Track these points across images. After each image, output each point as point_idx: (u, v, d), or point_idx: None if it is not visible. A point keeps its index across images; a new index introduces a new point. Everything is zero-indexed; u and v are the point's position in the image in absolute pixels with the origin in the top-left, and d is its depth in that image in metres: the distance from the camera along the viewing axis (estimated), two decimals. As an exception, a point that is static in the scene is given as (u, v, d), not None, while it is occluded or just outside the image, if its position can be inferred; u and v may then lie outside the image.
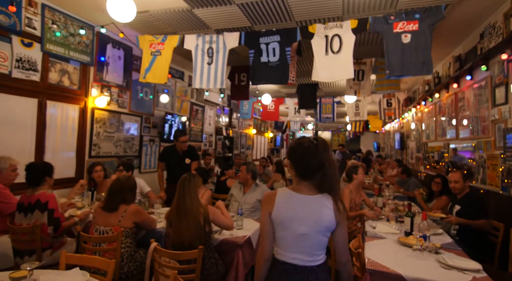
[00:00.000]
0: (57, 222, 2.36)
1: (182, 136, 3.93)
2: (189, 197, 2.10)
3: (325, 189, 1.37)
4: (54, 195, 2.45)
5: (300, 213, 1.35)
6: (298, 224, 1.34)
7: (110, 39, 4.39)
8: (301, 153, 1.39)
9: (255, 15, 3.58)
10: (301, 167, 1.39)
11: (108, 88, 4.43)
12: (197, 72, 3.65)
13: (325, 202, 1.36)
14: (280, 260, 1.37)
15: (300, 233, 1.34)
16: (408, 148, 8.44)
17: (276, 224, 1.39)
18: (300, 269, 1.33)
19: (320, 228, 1.34)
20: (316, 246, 1.36)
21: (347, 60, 3.08)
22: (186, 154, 3.97)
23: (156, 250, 1.92)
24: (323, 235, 1.36)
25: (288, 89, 8.67)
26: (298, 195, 1.38)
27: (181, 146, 3.92)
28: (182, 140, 3.91)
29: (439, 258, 1.90)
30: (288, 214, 1.36)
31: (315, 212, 1.35)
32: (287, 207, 1.37)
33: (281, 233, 1.38)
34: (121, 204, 2.24)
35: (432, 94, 5.68)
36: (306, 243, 1.34)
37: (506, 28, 3.08)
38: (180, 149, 3.96)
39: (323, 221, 1.34)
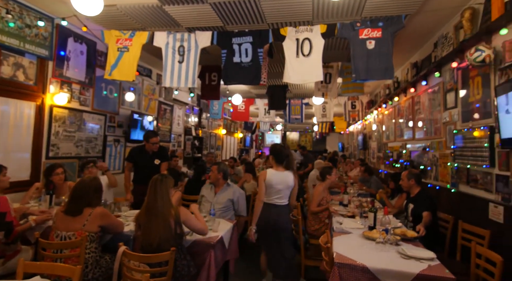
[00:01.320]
0: (9, 226, 2.17)
1: (153, 137, 3.79)
2: (161, 198, 2.04)
3: (289, 168, 2.80)
4: (5, 197, 2.26)
5: (279, 180, 2.73)
6: (278, 184, 2.72)
7: (71, 33, 4.13)
8: (278, 151, 2.87)
9: (228, 15, 3.58)
10: (278, 157, 2.83)
11: (69, 84, 4.16)
12: (168, 70, 3.56)
13: (289, 174, 2.79)
14: (267, 202, 2.74)
15: (278, 189, 2.72)
16: (370, 148, 8.94)
17: (267, 185, 2.73)
18: (276, 206, 2.73)
19: (287, 186, 2.76)
20: (285, 196, 2.77)
21: (317, 63, 3.21)
22: (156, 155, 3.85)
23: (125, 254, 1.84)
24: (288, 190, 2.78)
25: (259, 90, 8.76)
26: (277, 171, 2.78)
27: (152, 147, 3.79)
28: (153, 141, 3.77)
29: (399, 249, 2.06)
30: (273, 180, 2.71)
31: (285, 179, 2.74)
32: (273, 177, 2.73)
33: (269, 189, 2.73)
34: (85, 207, 2.12)
35: (392, 98, 6.07)
36: (280, 194, 2.74)
37: (456, 38, 3.41)
38: (150, 150, 3.83)
39: (289, 183, 2.75)
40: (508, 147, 2.37)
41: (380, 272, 1.80)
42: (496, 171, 2.60)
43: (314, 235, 3.33)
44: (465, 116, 3.17)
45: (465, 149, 3.07)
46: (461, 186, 3.21)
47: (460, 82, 3.29)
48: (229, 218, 3.04)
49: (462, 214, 3.06)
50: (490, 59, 2.55)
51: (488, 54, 2.53)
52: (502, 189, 2.51)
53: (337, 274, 1.86)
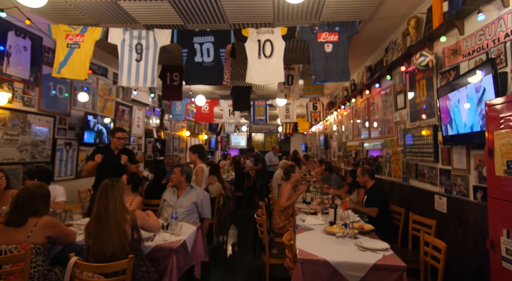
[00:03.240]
0: None
1: (119, 131, 3.59)
2: (113, 204, 1.91)
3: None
4: None
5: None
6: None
7: (12, 26, 3.74)
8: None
9: (188, 13, 3.51)
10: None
11: (10, 83, 3.76)
12: (124, 69, 3.38)
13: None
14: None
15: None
16: (331, 147, 9.33)
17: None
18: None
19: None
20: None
21: (278, 65, 3.27)
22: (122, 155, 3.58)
23: (76, 265, 1.70)
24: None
25: (223, 91, 8.70)
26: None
27: (117, 142, 3.55)
28: (119, 136, 3.55)
29: (357, 242, 2.17)
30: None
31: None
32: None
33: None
34: (30, 217, 1.92)
35: (350, 99, 6.40)
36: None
37: (404, 44, 3.69)
38: (115, 148, 3.57)
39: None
40: (449, 143, 2.62)
41: (340, 265, 1.88)
42: (440, 165, 2.86)
43: (279, 233, 3.37)
44: (413, 116, 3.44)
45: (414, 146, 3.33)
46: (411, 180, 3.48)
47: (408, 84, 3.57)
48: (193, 222, 2.96)
49: (412, 206, 3.32)
50: (433, 63, 2.80)
51: (430, 59, 2.77)
52: (445, 181, 2.76)
53: (300, 270, 1.90)
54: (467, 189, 2.43)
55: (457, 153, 2.58)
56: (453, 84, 2.45)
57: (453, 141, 2.51)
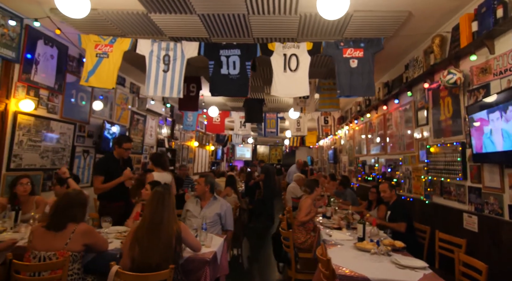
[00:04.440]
0: None
1: (127, 142, 3.46)
2: (167, 213, 1.90)
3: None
4: None
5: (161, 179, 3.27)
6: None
7: (42, 35, 3.84)
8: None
9: (215, 27, 3.59)
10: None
11: (36, 90, 3.83)
12: (151, 79, 3.44)
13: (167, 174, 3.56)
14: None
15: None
16: (341, 162, 9.29)
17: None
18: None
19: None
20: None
21: (304, 79, 3.31)
22: (126, 164, 3.55)
23: (118, 274, 1.67)
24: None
25: (234, 103, 8.79)
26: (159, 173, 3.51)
27: (123, 153, 3.44)
28: (127, 146, 3.44)
29: (393, 259, 2.13)
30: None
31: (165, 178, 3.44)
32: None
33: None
34: (69, 223, 1.91)
35: (363, 114, 6.43)
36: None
37: (425, 62, 3.74)
38: (120, 158, 3.48)
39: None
40: (479, 161, 2.60)
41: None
42: (469, 183, 2.83)
43: (300, 248, 3.32)
44: (436, 133, 3.44)
45: (438, 163, 3.32)
46: (434, 197, 3.44)
47: (431, 101, 3.59)
48: (217, 233, 2.93)
49: (436, 224, 3.27)
50: (461, 81, 2.83)
51: (459, 77, 2.80)
52: (475, 200, 2.73)
53: (338, 286, 1.86)
54: (501, 208, 2.40)
55: (488, 171, 2.56)
56: (485, 102, 2.47)
57: (485, 159, 2.50)
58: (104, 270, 2.11)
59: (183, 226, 2.03)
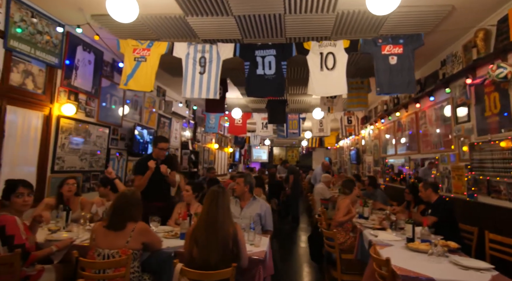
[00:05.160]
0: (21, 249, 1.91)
1: (163, 141, 3.49)
2: (223, 213, 1.91)
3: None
4: (14, 218, 1.98)
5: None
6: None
7: (81, 41, 3.98)
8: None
9: (248, 28, 3.61)
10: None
11: (76, 94, 3.96)
12: (188, 81, 3.49)
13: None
14: None
15: None
16: (365, 162, 9.12)
17: None
18: None
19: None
20: None
21: (341, 77, 3.27)
22: (165, 163, 3.56)
23: (182, 272, 1.69)
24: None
25: (256, 104, 8.81)
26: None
27: (160, 153, 3.47)
28: (162, 146, 3.46)
29: (452, 260, 2.05)
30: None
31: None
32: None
33: None
34: (128, 222, 1.95)
35: (391, 113, 6.30)
36: None
37: (465, 57, 3.62)
38: (158, 158, 3.50)
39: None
40: (536, 158, 2.48)
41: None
42: (522, 181, 2.71)
43: (340, 249, 3.26)
44: (481, 130, 3.32)
45: (484, 161, 3.19)
46: (481, 197, 3.31)
47: (474, 97, 3.47)
48: (258, 233, 2.92)
49: (483, 224, 3.13)
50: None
51: (510, 71, 2.69)
52: (530, 198, 2.61)
53: (400, 287, 1.81)
54: None
55: (547, 168, 2.44)
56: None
57: (543, 155, 2.38)
58: (158, 269, 2.14)
59: (239, 228, 2.02)
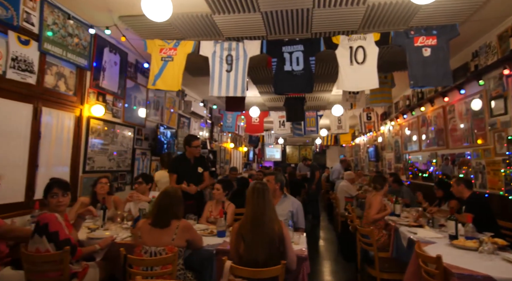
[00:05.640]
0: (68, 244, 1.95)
1: (195, 140, 3.55)
2: (269, 210, 1.89)
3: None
4: (54, 215, 2.02)
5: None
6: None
7: (107, 43, 4.03)
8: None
9: (274, 24, 3.58)
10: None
11: (104, 95, 4.02)
12: (215, 79, 3.48)
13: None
14: None
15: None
16: (384, 159, 8.94)
17: None
18: None
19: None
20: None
21: (372, 71, 3.20)
22: (198, 163, 3.64)
23: (232, 269, 1.68)
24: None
25: (272, 103, 8.77)
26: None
27: (194, 151, 3.53)
28: (196, 144, 3.53)
29: (505, 258, 1.96)
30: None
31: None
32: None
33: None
34: (172, 219, 1.96)
35: (414, 108, 6.15)
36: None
37: (500, 47, 3.48)
38: (192, 156, 3.58)
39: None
40: None
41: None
42: None
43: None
44: (521, 122, 3.18)
45: (526, 154, 3.06)
46: (521, 192, 3.18)
47: (511, 89, 3.33)
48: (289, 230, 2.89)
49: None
50: (558, 64, 2.58)
51: (556, 59, 2.56)
52: None
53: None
54: None
55: None
56: None
57: None
58: (199, 266, 2.14)
59: (284, 225, 1.98)
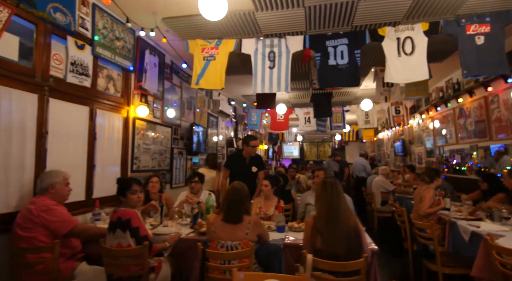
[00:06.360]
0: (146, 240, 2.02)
1: (252, 140, 3.67)
2: (343, 203, 1.89)
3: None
4: (135, 211, 2.12)
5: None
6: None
7: (148, 45, 4.12)
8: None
9: (316, 19, 3.55)
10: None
11: (146, 97, 4.12)
12: (258, 76, 3.49)
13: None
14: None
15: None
16: (413, 153, 8.74)
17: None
18: None
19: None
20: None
21: (421, 62, 3.12)
22: (253, 162, 3.70)
23: (315, 262, 1.69)
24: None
25: (297, 100, 8.73)
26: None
27: (251, 151, 3.64)
28: (254, 144, 3.64)
29: None
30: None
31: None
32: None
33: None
34: (244, 214, 1.99)
35: (449, 100, 5.97)
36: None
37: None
38: (248, 156, 3.68)
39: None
40: None
41: None
42: None
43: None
44: None
45: None
46: None
47: None
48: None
49: None
50: None
51: None
52: None
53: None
54: None
55: None
56: None
57: None
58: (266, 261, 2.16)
59: (357, 219, 1.97)
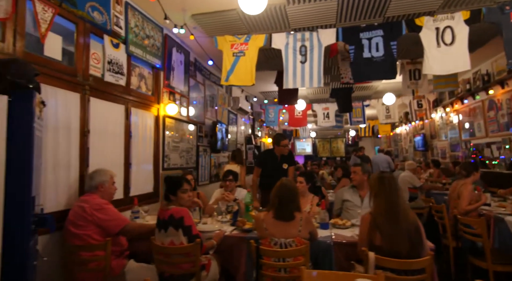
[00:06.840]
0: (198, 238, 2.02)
1: (283, 139, 3.68)
2: (401, 199, 1.84)
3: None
4: (187, 210, 2.12)
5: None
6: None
7: (175, 43, 4.12)
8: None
9: (348, 11, 3.47)
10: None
11: (174, 94, 4.12)
12: (289, 71, 3.44)
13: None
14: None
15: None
16: (435, 148, 8.54)
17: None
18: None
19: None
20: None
21: (462, 51, 3.01)
22: (284, 159, 3.69)
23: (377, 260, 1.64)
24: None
25: (315, 95, 8.63)
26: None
27: (283, 150, 3.65)
28: (284, 143, 3.64)
29: None
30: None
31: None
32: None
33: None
34: (295, 212, 1.95)
35: (477, 92, 5.77)
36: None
37: None
38: (279, 154, 3.68)
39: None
40: None
41: None
42: None
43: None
44: None
45: None
46: None
47: None
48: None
49: None
50: None
51: None
52: None
53: None
54: None
55: None
56: None
57: None
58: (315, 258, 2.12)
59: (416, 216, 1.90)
